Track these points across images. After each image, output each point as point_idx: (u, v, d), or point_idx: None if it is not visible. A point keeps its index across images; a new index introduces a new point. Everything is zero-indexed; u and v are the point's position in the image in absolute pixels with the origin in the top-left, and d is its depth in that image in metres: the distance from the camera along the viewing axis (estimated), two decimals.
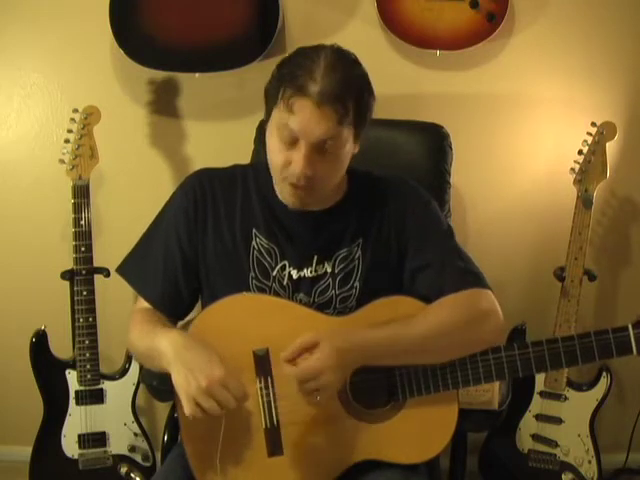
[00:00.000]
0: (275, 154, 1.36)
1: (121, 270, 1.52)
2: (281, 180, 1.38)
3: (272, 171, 1.41)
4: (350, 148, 1.39)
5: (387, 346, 1.33)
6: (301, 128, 1.30)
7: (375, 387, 1.37)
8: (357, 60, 1.38)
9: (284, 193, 1.40)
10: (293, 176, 1.33)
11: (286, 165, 1.34)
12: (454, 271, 1.42)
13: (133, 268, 1.51)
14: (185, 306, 1.51)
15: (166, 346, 1.31)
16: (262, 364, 1.33)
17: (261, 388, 1.34)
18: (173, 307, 1.48)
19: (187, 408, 1.24)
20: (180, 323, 1.51)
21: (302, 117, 1.29)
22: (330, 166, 1.36)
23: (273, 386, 1.34)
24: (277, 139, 1.34)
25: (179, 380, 1.26)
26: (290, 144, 1.32)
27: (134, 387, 2.10)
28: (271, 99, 1.36)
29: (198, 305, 1.54)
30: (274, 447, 1.34)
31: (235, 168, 1.53)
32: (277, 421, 1.33)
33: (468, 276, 1.42)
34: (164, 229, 1.49)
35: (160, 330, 1.37)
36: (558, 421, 2.12)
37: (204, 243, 1.46)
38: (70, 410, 2.07)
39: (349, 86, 1.31)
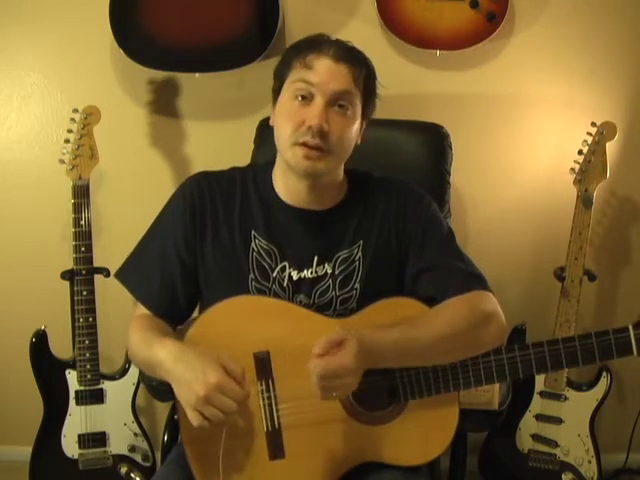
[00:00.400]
0: (287, 117, 1.37)
1: (120, 276, 1.51)
2: (292, 145, 1.36)
3: (282, 142, 1.39)
4: (357, 127, 1.41)
5: (398, 348, 1.32)
6: (319, 80, 1.34)
7: (376, 389, 1.37)
8: None
9: (296, 158, 1.37)
10: (307, 133, 1.34)
11: (299, 125, 1.35)
12: (457, 273, 1.42)
13: (131, 273, 1.50)
14: (183, 311, 1.49)
15: (164, 357, 1.30)
16: (263, 366, 1.33)
17: (262, 391, 1.34)
18: (171, 312, 1.47)
19: (193, 419, 1.24)
20: (179, 326, 1.51)
21: (320, 70, 1.35)
22: (342, 127, 1.37)
23: (274, 389, 1.34)
24: (291, 100, 1.37)
25: (180, 393, 1.27)
26: (305, 101, 1.35)
27: (134, 387, 2.10)
28: (284, 70, 1.40)
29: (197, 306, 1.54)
30: (275, 450, 1.34)
31: (233, 171, 1.53)
32: (278, 424, 1.33)
33: (471, 278, 1.42)
34: (162, 233, 1.48)
35: (157, 340, 1.36)
36: (558, 421, 2.12)
37: (203, 247, 1.45)
38: (70, 410, 2.07)
39: (360, 56, 1.41)
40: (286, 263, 1.43)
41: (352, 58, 1.38)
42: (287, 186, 1.45)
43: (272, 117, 1.45)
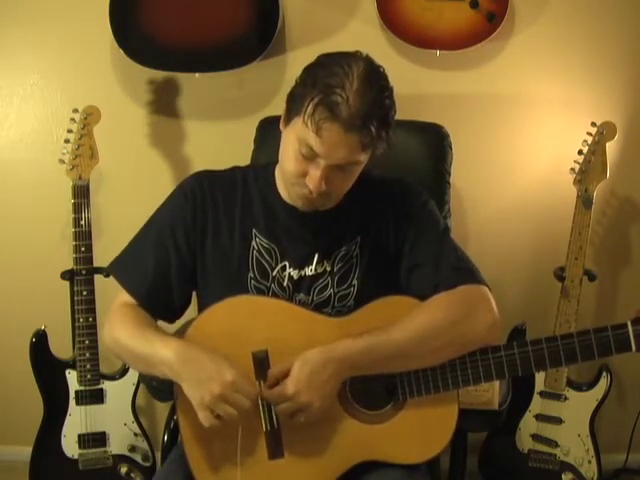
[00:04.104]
0: (290, 162, 1.34)
1: (112, 268, 1.50)
2: (292, 184, 1.37)
3: (283, 173, 1.40)
4: (364, 165, 1.39)
5: (368, 354, 1.31)
6: (325, 151, 1.29)
7: (375, 388, 1.37)
8: (386, 78, 1.35)
9: (294, 197, 1.40)
10: (306, 188, 1.33)
11: (301, 175, 1.33)
12: (448, 268, 1.41)
13: (122, 265, 1.49)
14: (174, 307, 1.48)
15: (170, 357, 1.29)
16: (261, 366, 1.32)
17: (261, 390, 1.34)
18: (159, 306, 1.46)
19: (204, 419, 1.25)
20: (179, 324, 1.50)
21: (328, 141, 1.27)
22: (345, 182, 1.38)
23: None
24: (295, 150, 1.32)
25: (191, 393, 1.27)
26: (308, 159, 1.31)
27: (134, 387, 2.10)
28: (296, 106, 1.31)
29: (194, 306, 1.53)
30: (275, 450, 1.33)
31: (234, 170, 1.53)
32: (277, 424, 1.33)
33: (461, 272, 1.41)
34: (159, 229, 1.47)
35: (157, 337, 1.34)
36: (558, 421, 2.12)
37: (203, 245, 1.45)
38: (70, 410, 2.07)
39: (378, 110, 1.30)
40: (286, 262, 1.43)
41: (365, 122, 1.26)
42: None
43: (282, 124, 1.39)
